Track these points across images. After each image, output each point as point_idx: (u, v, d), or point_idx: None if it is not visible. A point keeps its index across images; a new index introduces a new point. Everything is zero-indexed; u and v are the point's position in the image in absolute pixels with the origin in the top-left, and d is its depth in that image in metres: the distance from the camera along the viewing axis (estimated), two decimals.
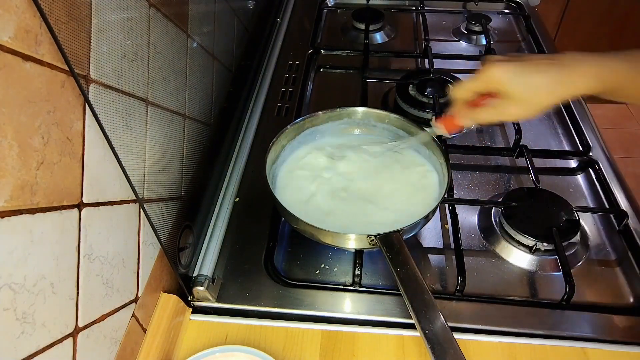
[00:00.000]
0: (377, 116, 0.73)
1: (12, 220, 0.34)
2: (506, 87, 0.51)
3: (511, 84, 0.50)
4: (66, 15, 0.37)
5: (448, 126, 0.60)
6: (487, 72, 0.52)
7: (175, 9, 0.57)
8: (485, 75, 0.52)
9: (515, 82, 0.50)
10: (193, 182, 0.63)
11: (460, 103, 0.57)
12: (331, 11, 1.24)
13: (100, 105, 0.42)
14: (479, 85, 0.54)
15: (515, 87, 0.50)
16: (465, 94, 0.56)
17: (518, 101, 0.51)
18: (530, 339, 0.58)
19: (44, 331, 0.37)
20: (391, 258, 0.54)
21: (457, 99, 0.57)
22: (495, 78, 0.51)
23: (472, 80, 0.54)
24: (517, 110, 0.52)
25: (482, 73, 0.52)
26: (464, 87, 0.55)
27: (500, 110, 0.53)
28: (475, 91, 0.55)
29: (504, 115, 0.53)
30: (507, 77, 0.50)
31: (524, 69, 0.50)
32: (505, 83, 0.51)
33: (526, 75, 0.50)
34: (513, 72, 0.50)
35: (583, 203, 0.75)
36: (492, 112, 0.54)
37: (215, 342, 0.59)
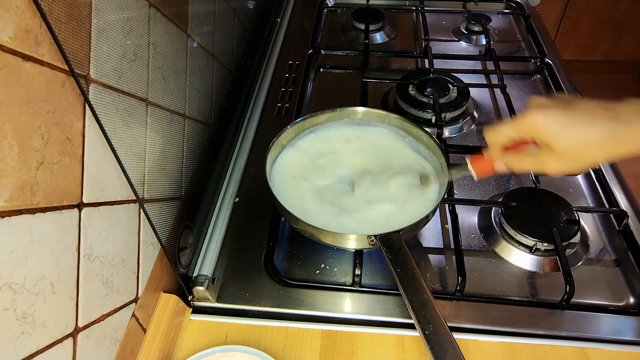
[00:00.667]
0: (377, 116, 0.73)
1: (12, 220, 0.34)
2: (550, 139, 0.45)
3: (555, 136, 0.44)
4: (66, 15, 0.37)
5: (480, 170, 0.54)
6: (529, 119, 0.46)
7: (175, 9, 0.57)
8: (527, 123, 0.46)
9: (561, 135, 0.44)
10: (193, 182, 0.63)
11: (497, 149, 0.51)
12: (331, 11, 1.24)
13: (100, 105, 0.42)
14: (519, 133, 0.48)
15: (560, 140, 0.44)
16: (500, 140, 0.50)
17: (562, 155, 0.45)
18: (530, 339, 0.58)
19: (44, 331, 0.37)
20: (391, 258, 0.54)
21: (492, 143, 0.51)
22: (537, 127, 0.45)
23: (510, 125, 0.48)
24: (560, 164, 0.46)
25: (524, 119, 0.46)
26: (501, 132, 0.49)
27: (540, 162, 0.47)
28: (514, 139, 0.49)
29: (545, 168, 0.47)
30: (552, 128, 0.44)
31: (572, 120, 0.44)
32: (549, 134, 0.45)
33: (574, 128, 0.44)
34: (559, 122, 0.44)
35: (583, 203, 0.75)
36: (531, 163, 0.49)
37: (215, 342, 0.59)
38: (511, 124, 0.48)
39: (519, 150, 0.50)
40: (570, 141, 0.44)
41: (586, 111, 0.44)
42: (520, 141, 0.50)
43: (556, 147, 0.45)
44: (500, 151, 0.51)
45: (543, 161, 0.47)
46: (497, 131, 0.50)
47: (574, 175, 0.47)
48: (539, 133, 0.46)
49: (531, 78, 1.02)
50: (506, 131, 0.49)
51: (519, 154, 0.50)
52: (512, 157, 0.51)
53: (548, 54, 1.04)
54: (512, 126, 0.48)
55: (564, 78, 0.97)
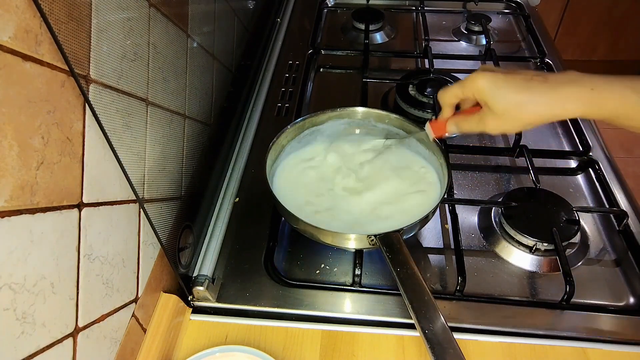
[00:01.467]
0: (377, 116, 0.73)
1: (12, 220, 0.34)
2: (486, 98, 0.50)
3: (493, 96, 0.49)
4: (66, 15, 0.37)
5: (435, 130, 0.61)
6: (472, 80, 0.51)
7: (175, 9, 0.57)
8: (470, 83, 0.52)
9: (497, 95, 0.49)
10: (193, 182, 0.63)
11: (448, 108, 0.57)
12: (331, 11, 1.24)
13: (100, 105, 0.42)
14: (463, 91, 0.53)
15: (496, 100, 0.49)
16: (449, 99, 0.56)
17: (496, 115, 0.50)
18: (530, 339, 0.58)
19: (44, 331, 0.37)
20: (391, 258, 0.54)
21: (443, 103, 0.57)
22: (478, 87, 0.50)
23: (457, 86, 0.54)
24: (497, 123, 0.51)
25: (467, 80, 0.52)
26: (449, 92, 0.55)
27: (480, 121, 0.52)
28: (459, 96, 0.55)
29: (485, 126, 0.52)
30: (489, 88, 0.49)
31: (509, 83, 0.49)
32: (486, 94, 0.50)
33: (509, 90, 0.49)
34: (496, 84, 0.49)
35: (583, 203, 0.75)
36: (474, 122, 0.54)
37: (215, 342, 0.59)
38: (458, 84, 0.54)
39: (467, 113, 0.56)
40: (505, 102, 0.49)
41: (522, 76, 0.49)
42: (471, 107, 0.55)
43: (493, 106, 0.50)
44: (451, 111, 0.57)
45: (483, 120, 0.52)
46: (446, 91, 0.56)
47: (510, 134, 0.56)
48: (479, 92, 0.51)
49: None
50: (454, 91, 0.54)
51: (465, 115, 0.56)
52: (459, 117, 0.56)
53: (548, 54, 1.04)
54: (459, 85, 0.53)
55: None
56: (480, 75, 0.50)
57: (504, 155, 0.82)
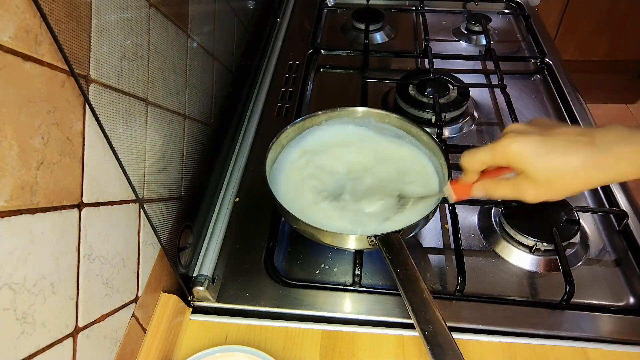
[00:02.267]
0: (377, 116, 0.73)
1: (12, 220, 0.34)
2: (526, 166, 0.44)
3: (532, 164, 0.43)
4: (66, 15, 0.37)
5: (458, 193, 0.54)
6: (505, 146, 0.44)
7: (175, 9, 0.57)
8: (503, 150, 0.45)
9: (538, 163, 0.43)
10: (193, 182, 0.63)
11: (473, 174, 0.50)
12: (331, 11, 1.24)
13: (100, 105, 0.42)
14: (494, 159, 0.46)
15: (537, 168, 0.43)
16: (476, 165, 0.49)
17: (538, 183, 0.44)
18: (530, 339, 0.58)
19: (44, 331, 0.37)
20: (391, 258, 0.54)
21: (467, 168, 0.50)
22: (512, 154, 0.44)
23: (485, 151, 0.47)
24: (537, 191, 0.45)
25: (499, 146, 0.45)
26: (476, 158, 0.48)
27: (516, 189, 0.46)
28: (489, 164, 0.48)
29: (523, 195, 0.46)
30: (528, 156, 0.43)
31: (549, 148, 0.42)
32: (525, 162, 0.43)
33: (549, 155, 0.42)
34: (535, 150, 0.43)
35: (583, 203, 0.75)
36: (507, 189, 0.47)
37: (215, 342, 0.59)
38: (486, 150, 0.47)
39: (496, 175, 0.49)
40: (546, 168, 0.43)
41: (563, 137, 0.43)
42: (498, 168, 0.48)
43: (532, 175, 0.44)
44: (477, 175, 0.50)
45: (519, 187, 0.46)
46: (472, 156, 0.49)
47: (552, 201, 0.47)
48: (514, 160, 0.44)
49: (531, 78, 1.02)
50: (481, 157, 0.48)
51: (496, 180, 0.49)
52: (488, 181, 0.50)
53: (548, 54, 1.04)
54: (487, 152, 0.47)
55: (564, 78, 0.97)
56: (513, 139, 0.44)
57: None
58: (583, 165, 0.41)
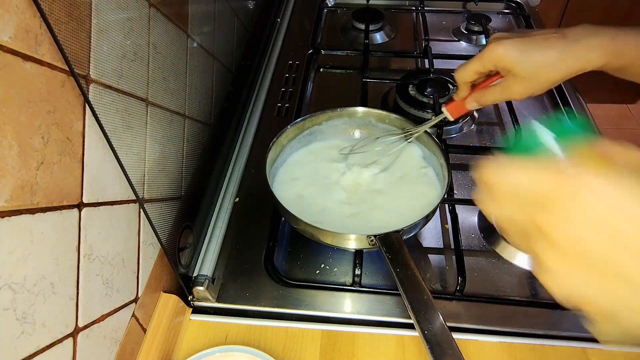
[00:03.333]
0: (377, 116, 0.73)
1: (12, 220, 0.34)
2: (510, 64, 0.49)
3: (515, 61, 0.48)
4: (66, 15, 0.37)
5: (454, 110, 0.58)
6: (490, 51, 0.49)
7: (175, 9, 0.57)
8: (489, 54, 0.50)
9: (520, 59, 0.48)
10: (193, 182, 0.63)
11: (465, 86, 0.55)
12: (331, 11, 1.24)
13: (100, 105, 0.42)
14: (483, 64, 0.51)
15: (520, 64, 0.48)
16: (469, 76, 0.54)
17: (524, 79, 0.49)
18: (530, 339, 0.58)
19: (44, 331, 0.37)
20: (390, 258, 0.54)
21: (461, 81, 0.55)
22: (498, 56, 0.49)
23: (475, 60, 0.52)
24: (524, 87, 0.50)
25: (485, 52, 0.50)
26: (468, 69, 0.53)
27: (505, 90, 0.51)
28: (480, 71, 0.53)
29: (511, 93, 0.51)
30: (511, 54, 0.48)
31: (529, 45, 0.48)
32: (510, 60, 0.48)
33: (531, 51, 0.48)
34: (517, 48, 0.48)
35: None
36: (497, 92, 0.52)
37: (215, 342, 0.59)
38: (476, 58, 0.52)
39: (485, 86, 0.54)
40: (529, 63, 0.48)
41: (540, 36, 0.48)
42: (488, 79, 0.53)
43: (517, 71, 0.49)
44: (468, 89, 0.55)
45: (508, 88, 0.51)
46: (464, 68, 0.53)
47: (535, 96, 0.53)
48: (501, 61, 0.49)
49: None
50: (472, 66, 0.52)
51: (485, 89, 0.54)
52: (479, 92, 0.54)
53: None
54: (477, 60, 0.51)
55: None
56: (498, 43, 0.49)
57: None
58: (559, 57, 0.47)
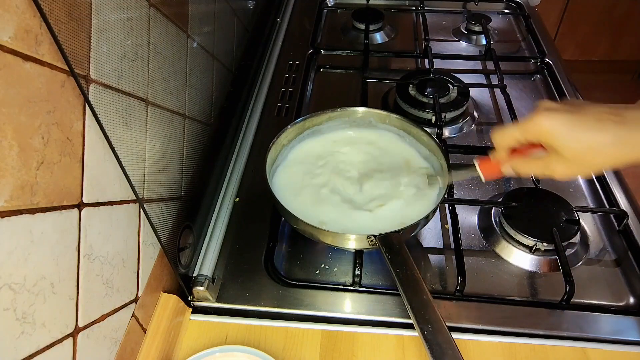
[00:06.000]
0: (377, 116, 0.73)
1: (12, 220, 0.34)
2: (556, 142, 0.44)
3: (562, 139, 0.44)
4: (66, 15, 0.37)
5: (488, 172, 0.54)
6: (536, 122, 0.45)
7: (175, 9, 0.57)
8: (534, 126, 0.45)
9: (568, 139, 0.44)
10: (193, 182, 0.63)
11: (503, 152, 0.51)
12: (331, 11, 1.24)
13: (100, 105, 0.42)
14: (525, 135, 0.47)
15: (567, 144, 0.44)
16: (507, 142, 0.50)
17: (568, 159, 0.45)
18: (530, 339, 0.58)
19: (44, 331, 0.37)
20: (390, 258, 0.54)
21: (498, 146, 0.51)
22: (544, 130, 0.45)
23: (517, 128, 0.48)
24: (567, 168, 0.46)
25: (531, 123, 0.46)
26: (508, 134, 0.49)
27: (546, 166, 0.47)
28: (520, 142, 0.49)
29: (552, 172, 0.47)
30: (559, 132, 0.44)
31: (579, 124, 0.43)
32: (556, 138, 0.44)
33: (581, 132, 0.43)
34: (566, 126, 0.43)
35: (583, 203, 0.75)
36: (537, 167, 0.48)
37: (215, 342, 0.59)
38: (518, 127, 0.48)
39: (525, 154, 0.50)
40: (577, 145, 0.43)
41: (593, 115, 0.43)
42: (527, 144, 0.49)
43: (562, 151, 0.44)
44: (507, 154, 0.51)
45: (549, 165, 0.47)
46: (504, 133, 0.49)
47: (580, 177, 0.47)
48: (545, 136, 0.45)
49: (531, 78, 1.01)
50: (513, 134, 0.48)
51: (526, 158, 0.50)
52: (519, 160, 0.50)
53: (548, 54, 1.04)
54: (519, 129, 0.48)
55: (564, 78, 0.97)
56: (544, 116, 0.44)
57: None
58: (612, 143, 0.42)
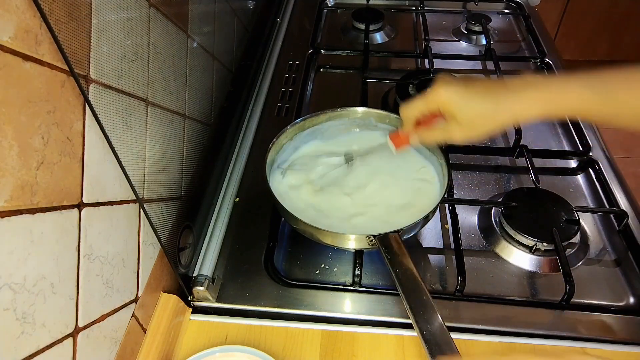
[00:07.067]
0: (377, 116, 0.73)
1: (12, 220, 0.34)
2: (450, 109, 0.52)
3: (455, 107, 0.51)
4: (66, 15, 0.37)
5: (397, 143, 0.61)
6: (434, 93, 0.52)
7: (175, 9, 0.57)
8: (433, 96, 0.53)
9: (462, 106, 0.51)
10: (193, 182, 0.63)
11: (410, 123, 0.58)
12: (331, 11, 1.24)
13: (100, 105, 0.42)
14: (427, 106, 0.55)
15: (459, 110, 0.51)
16: (413, 114, 0.57)
17: (461, 124, 0.52)
18: (530, 339, 0.58)
19: (44, 331, 0.37)
20: (389, 258, 0.54)
21: (405, 118, 0.58)
22: (440, 100, 0.52)
23: (420, 100, 0.55)
24: (461, 133, 0.53)
25: (431, 95, 0.53)
26: (413, 107, 0.56)
27: (446, 132, 0.54)
28: (424, 112, 0.56)
29: (449, 136, 0.54)
30: (452, 100, 0.51)
31: (468, 94, 0.51)
32: (450, 106, 0.51)
33: (469, 100, 0.51)
34: (458, 95, 0.51)
35: (583, 203, 0.75)
36: (438, 133, 0.55)
37: (215, 342, 0.59)
38: (421, 99, 0.54)
39: (429, 125, 0.56)
40: (469, 112, 0.51)
41: (483, 86, 0.51)
42: (430, 116, 0.56)
43: (458, 117, 0.51)
44: (413, 126, 0.58)
45: (449, 131, 0.53)
46: (409, 106, 0.56)
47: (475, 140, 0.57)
48: (444, 105, 0.52)
49: None
50: (417, 106, 0.55)
51: (429, 128, 0.56)
52: (423, 130, 0.57)
53: (548, 54, 1.04)
54: (422, 100, 0.54)
55: None
56: (442, 89, 0.52)
57: (504, 155, 0.82)
58: (494, 108, 0.50)
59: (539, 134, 0.87)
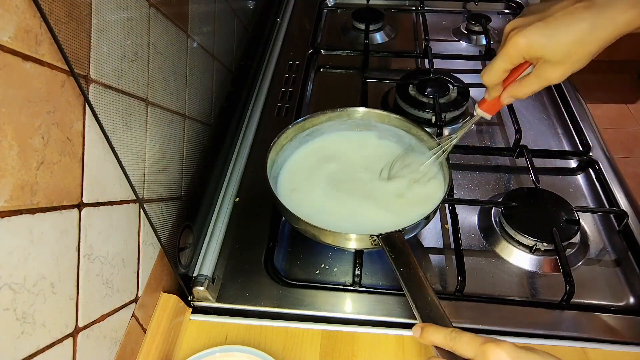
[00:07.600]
0: (377, 116, 0.73)
1: (12, 220, 0.34)
2: (538, 53, 0.45)
3: (542, 49, 0.45)
4: (66, 15, 0.37)
5: (490, 110, 0.56)
6: (513, 45, 0.46)
7: (175, 9, 0.57)
8: (513, 49, 0.46)
9: (548, 44, 0.44)
10: (193, 182, 0.63)
11: (497, 87, 0.52)
12: (331, 11, 1.24)
13: (100, 105, 0.42)
14: (511, 61, 0.48)
15: (550, 49, 0.45)
16: (498, 77, 0.50)
17: (558, 62, 0.45)
18: (530, 339, 0.58)
19: (44, 331, 0.37)
20: (394, 258, 0.54)
21: (490, 84, 0.52)
22: (524, 48, 0.45)
23: (500, 59, 0.48)
24: (561, 71, 0.46)
25: (508, 47, 0.46)
26: (495, 69, 0.50)
27: (542, 77, 0.47)
28: (508, 69, 0.50)
29: (549, 79, 0.47)
30: (536, 43, 0.45)
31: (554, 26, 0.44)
32: (535, 50, 0.45)
33: (555, 32, 0.44)
34: (539, 34, 0.44)
35: (583, 203, 0.75)
36: (534, 82, 0.49)
37: (215, 342, 0.59)
38: (500, 56, 0.48)
39: (515, 77, 0.50)
40: (561, 46, 0.44)
41: (563, 12, 0.44)
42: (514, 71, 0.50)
43: (550, 57, 0.45)
44: (500, 88, 0.52)
45: (544, 75, 0.47)
46: (491, 70, 0.50)
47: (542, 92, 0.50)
48: (528, 52, 0.46)
49: None
50: (499, 65, 0.49)
51: (519, 81, 0.50)
52: (514, 86, 0.51)
53: None
54: (502, 57, 0.48)
55: None
56: (519, 35, 0.45)
57: (504, 155, 0.82)
58: (591, 29, 0.43)
59: (539, 134, 0.87)
